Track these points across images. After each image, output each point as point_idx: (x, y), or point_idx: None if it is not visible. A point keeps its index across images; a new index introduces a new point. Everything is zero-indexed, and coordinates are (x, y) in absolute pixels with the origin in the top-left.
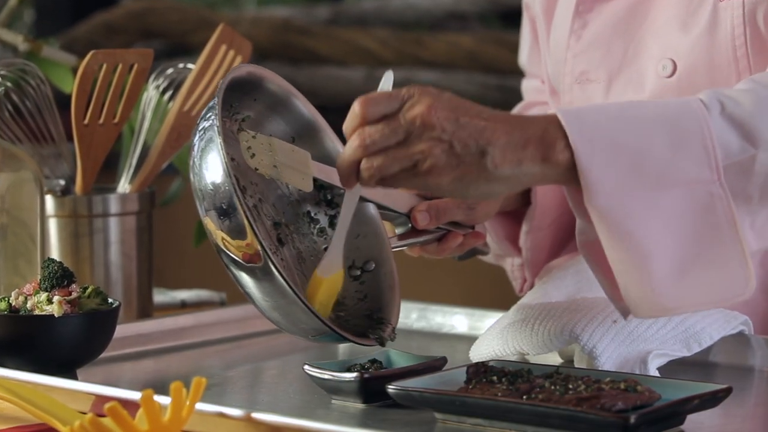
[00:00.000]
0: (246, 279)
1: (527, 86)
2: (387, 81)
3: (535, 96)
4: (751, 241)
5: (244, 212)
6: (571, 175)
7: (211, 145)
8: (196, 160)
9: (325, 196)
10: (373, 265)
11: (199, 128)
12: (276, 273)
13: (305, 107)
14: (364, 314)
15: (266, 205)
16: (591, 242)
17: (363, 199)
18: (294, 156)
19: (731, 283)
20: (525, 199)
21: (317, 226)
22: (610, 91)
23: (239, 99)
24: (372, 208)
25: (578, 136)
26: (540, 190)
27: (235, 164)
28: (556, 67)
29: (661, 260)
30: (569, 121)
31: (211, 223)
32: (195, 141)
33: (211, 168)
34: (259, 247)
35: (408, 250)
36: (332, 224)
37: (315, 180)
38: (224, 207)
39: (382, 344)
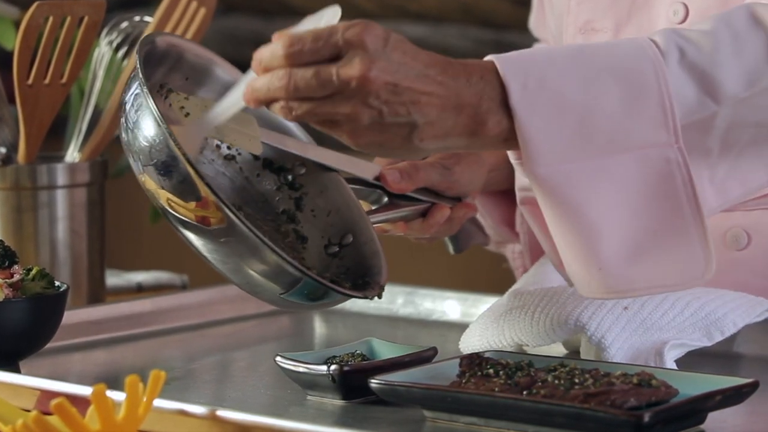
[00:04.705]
0: (202, 238)
1: None
2: (332, 17)
3: None
4: (710, 197)
5: (189, 164)
6: (504, 144)
7: (139, 100)
8: (128, 118)
9: (286, 178)
10: (351, 237)
11: (124, 100)
12: (239, 223)
13: (228, 73)
14: (349, 281)
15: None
16: (533, 199)
17: (324, 168)
18: (236, 118)
19: (689, 263)
20: None
21: (281, 209)
22: None
23: (167, 76)
24: (339, 180)
25: (520, 96)
26: None
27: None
28: (559, 19)
29: (610, 236)
30: (512, 76)
31: (150, 181)
32: (125, 101)
33: (143, 121)
34: (214, 198)
35: (392, 229)
36: (299, 206)
37: (273, 163)
38: (165, 161)
39: (368, 297)
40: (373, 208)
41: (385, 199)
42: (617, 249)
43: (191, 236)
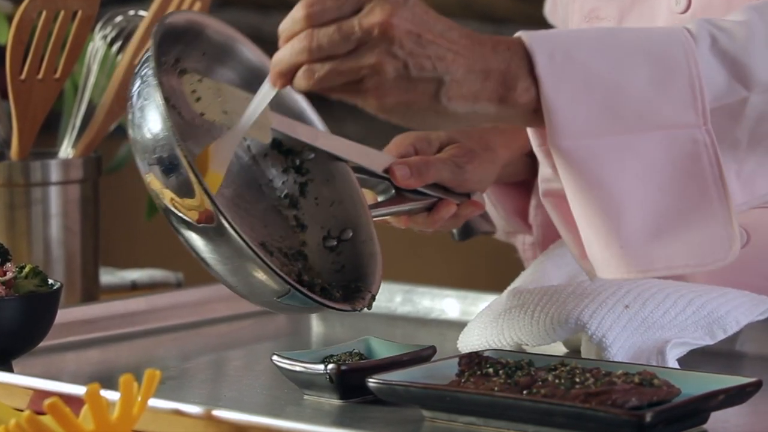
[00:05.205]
0: (199, 242)
1: None
2: None
3: None
4: (736, 191)
5: (189, 165)
6: (533, 116)
7: (148, 91)
8: (135, 112)
9: (293, 162)
10: (351, 233)
11: (134, 81)
12: (231, 231)
13: (252, 52)
14: (341, 285)
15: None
16: (556, 191)
17: (333, 157)
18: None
19: (712, 245)
20: (533, 167)
21: (284, 193)
22: None
23: (183, 52)
24: (347, 171)
25: (547, 66)
26: None
27: (183, 122)
28: (566, 7)
29: (632, 213)
30: (538, 47)
31: (155, 180)
32: (132, 93)
33: (149, 117)
34: (209, 205)
35: (395, 222)
36: (303, 192)
37: (282, 145)
38: (166, 161)
39: (356, 310)
40: (380, 199)
41: (393, 190)
42: (640, 227)
43: (193, 237)
